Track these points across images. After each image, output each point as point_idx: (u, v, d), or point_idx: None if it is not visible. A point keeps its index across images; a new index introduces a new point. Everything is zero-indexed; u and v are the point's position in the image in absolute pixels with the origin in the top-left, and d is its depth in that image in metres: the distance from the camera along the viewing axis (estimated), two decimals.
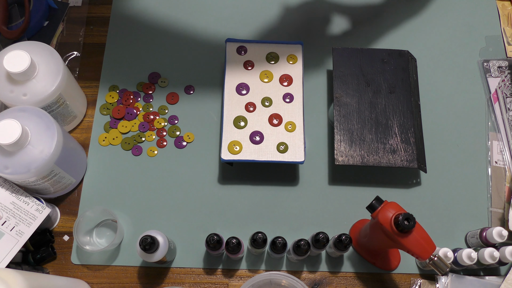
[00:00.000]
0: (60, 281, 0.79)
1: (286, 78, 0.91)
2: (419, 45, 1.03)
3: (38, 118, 0.77)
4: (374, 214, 0.73)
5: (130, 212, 0.88)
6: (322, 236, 0.76)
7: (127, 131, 0.94)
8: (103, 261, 0.85)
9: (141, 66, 0.99)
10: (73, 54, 1.00)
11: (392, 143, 0.88)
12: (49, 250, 0.83)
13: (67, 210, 0.89)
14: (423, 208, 0.90)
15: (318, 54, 1.01)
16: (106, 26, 1.03)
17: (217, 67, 0.99)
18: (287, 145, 0.86)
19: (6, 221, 0.78)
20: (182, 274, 0.85)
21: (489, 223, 0.89)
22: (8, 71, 0.77)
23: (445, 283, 0.84)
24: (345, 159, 0.87)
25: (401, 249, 0.72)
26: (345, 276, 0.85)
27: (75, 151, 0.87)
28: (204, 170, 0.91)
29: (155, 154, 0.92)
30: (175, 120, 0.95)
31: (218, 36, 1.02)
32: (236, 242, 0.76)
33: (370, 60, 0.95)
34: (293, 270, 0.85)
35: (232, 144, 0.86)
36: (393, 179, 0.92)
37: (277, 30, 1.03)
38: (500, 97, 0.98)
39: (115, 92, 0.97)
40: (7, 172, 0.75)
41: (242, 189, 0.90)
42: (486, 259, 0.79)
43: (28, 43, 0.84)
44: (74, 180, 0.87)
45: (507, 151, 0.94)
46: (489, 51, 1.03)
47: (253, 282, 0.73)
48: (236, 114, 0.88)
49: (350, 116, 0.90)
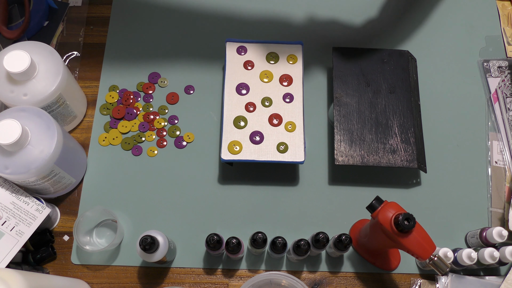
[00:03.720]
0: (60, 281, 0.79)
1: (286, 78, 0.91)
2: (419, 45, 1.03)
3: (38, 118, 0.77)
4: (374, 214, 0.73)
5: (130, 212, 0.88)
6: (322, 236, 0.76)
7: (127, 131, 0.94)
8: (103, 261, 0.85)
9: (141, 66, 0.99)
10: (73, 54, 1.00)
11: (392, 143, 0.88)
12: (49, 250, 0.83)
13: (67, 210, 0.89)
14: (423, 208, 0.90)
15: (318, 54, 1.01)
16: (106, 26, 1.03)
17: (217, 67, 0.99)
18: (287, 145, 0.86)
19: (6, 221, 0.78)
20: (182, 274, 0.85)
21: (489, 223, 0.89)
22: (8, 71, 0.77)
23: (445, 283, 0.84)
24: (345, 159, 0.87)
25: (401, 249, 0.72)
26: (345, 276, 0.85)
27: (75, 151, 0.87)
28: (204, 170, 0.91)
29: (155, 154, 0.92)
30: (175, 120, 0.95)
31: (218, 36, 1.02)
32: (236, 242, 0.76)
33: (370, 60, 0.95)
34: (293, 270, 0.85)
35: (232, 144, 0.86)
36: (393, 179, 0.92)
37: (277, 30, 1.03)
38: (500, 97, 0.98)
39: (115, 92, 0.97)
40: (7, 172, 0.75)
41: (242, 189, 0.90)
42: (486, 259, 0.79)
43: (28, 43, 0.84)
44: (74, 180, 0.87)
45: (507, 151, 0.94)
46: (489, 51, 1.03)
47: (253, 282, 0.73)
48: (236, 114, 0.88)
49: (350, 116, 0.90)
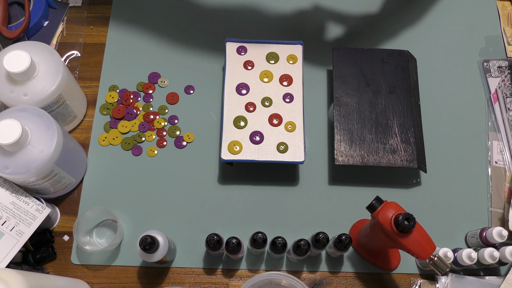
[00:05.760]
0: (60, 281, 0.79)
1: (286, 78, 0.91)
2: (419, 45, 1.02)
3: (38, 118, 0.77)
4: (374, 214, 0.73)
5: (130, 212, 0.88)
6: (322, 236, 0.76)
7: (127, 131, 0.94)
8: (103, 261, 0.85)
9: (141, 66, 0.99)
10: (73, 54, 1.00)
11: (392, 143, 0.88)
12: (49, 250, 0.83)
13: (67, 210, 0.89)
14: (423, 208, 0.90)
15: (318, 54, 1.01)
16: (106, 26, 1.03)
17: (217, 67, 0.99)
18: (287, 145, 0.86)
19: (6, 221, 0.78)
20: (182, 274, 0.85)
21: (489, 223, 0.89)
22: (8, 71, 0.77)
23: (445, 283, 0.84)
24: (345, 159, 0.87)
25: (401, 249, 0.72)
26: (345, 276, 0.85)
27: (75, 151, 0.87)
28: (204, 170, 0.91)
29: (155, 154, 0.92)
30: (175, 120, 0.95)
31: (218, 36, 1.02)
32: (236, 242, 0.76)
33: (370, 60, 0.95)
34: (293, 270, 0.85)
35: (232, 144, 0.86)
36: (393, 179, 0.92)
37: (277, 30, 1.03)
38: (500, 97, 0.98)
39: (115, 92, 0.97)
40: (7, 172, 0.75)
41: (242, 189, 0.90)
42: (486, 259, 0.79)
43: (28, 43, 0.84)
44: (74, 180, 0.87)
45: (507, 151, 0.94)
46: (489, 51, 1.03)
47: (253, 282, 0.73)
48: (236, 114, 0.88)
49: (350, 116, 0.90)
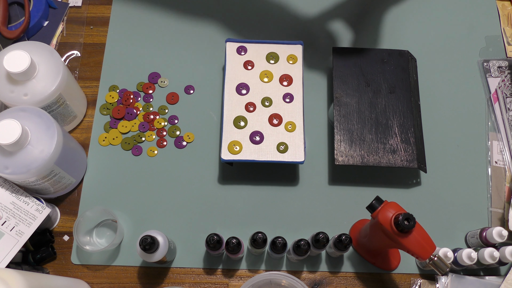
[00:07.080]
0: (60, 281, 0.79)
1: (286, 78, 0.91)
2: (419, 45, 1.02)
3: (38, 118, 0.77)
4: (374, 214, 0.73)
5: (130, 212, 0.88)
6: (322, 236, 0.76)
7: (127, 131, 0.94)
8: (103, 261, 0.85)
9: (141, 66, 0.99)
10: (73, 54, 1.00)
11: (392, 143, 0.88)
12: (49, 250, 0.83)
13: (67, 210, 0.89)
14: (423, 208, 0.90)
15: (318, 54, 1.01)
16: (106, 26, 1.03)
17: (217, 67, 0.99)
18: (287, 145, 0.86)
19: (6, 221, 0.78)
20: (182, 274, 0.85)
21: (489, 223, 0.89)
22: (8, 71, 0.77)
23: (445, 283, 0.84)
24: (345, 159, 0.87)
25: (401, 249, 0.72)
26: (345, 276, 0.85)
27: (75, 151, 0.87)
28: (204, 170, 0.91)
29: (155, 154, 0.92)
30: (175, 120, 0.95)
31: (218, 36, 1.02)
32: (236, 242, 0.76)
33: (370, 60, 0.95)
34: (293, 270, 0.85)
35: (232, 144, 0.86)
36: (393, 179, 0.92)
37: (277, 30, 1.03)
38: (500, 97, 0.98)
39: (115, 92, 0.96)
40: (7, 172, 0.75)
41: (242, 189, 0.90)
42: (486, 259, 0.79)
43: (28, 43, 0.84)
44: (74, 180, 0.87)
45: (507, 151, 0.94)
46: (489, 51, 1.03)
47: (253, 282, 0.73)
48: (236, 114, 0.88)
49: (350, 116, 0.90)
